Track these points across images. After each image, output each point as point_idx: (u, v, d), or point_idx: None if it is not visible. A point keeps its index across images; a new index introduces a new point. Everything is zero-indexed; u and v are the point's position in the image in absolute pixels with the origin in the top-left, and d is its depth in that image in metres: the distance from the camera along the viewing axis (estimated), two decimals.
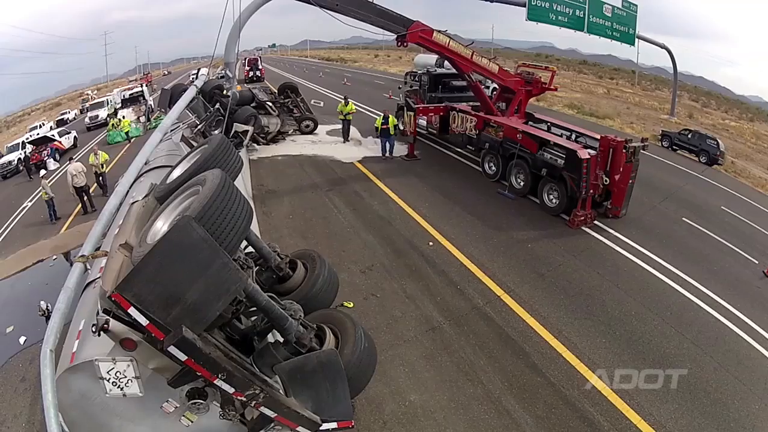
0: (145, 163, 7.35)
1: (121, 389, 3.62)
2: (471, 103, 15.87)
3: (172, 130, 9.74)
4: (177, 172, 4.91)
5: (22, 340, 9.41)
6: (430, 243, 10.39)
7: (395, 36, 12.97)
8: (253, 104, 17.54)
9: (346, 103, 17.98)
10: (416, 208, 12.12)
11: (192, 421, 4.08)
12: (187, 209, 3.59)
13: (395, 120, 15.83)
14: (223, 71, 17.40)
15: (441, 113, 16.27)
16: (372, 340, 4.51)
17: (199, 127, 11.97)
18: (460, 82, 16.39)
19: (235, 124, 12.12)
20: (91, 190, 16.76)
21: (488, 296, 8.52)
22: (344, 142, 18.59)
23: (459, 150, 17.00)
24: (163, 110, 16.13)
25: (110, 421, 4.12)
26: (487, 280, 8.98)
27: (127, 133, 26.54)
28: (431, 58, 22.97)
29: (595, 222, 11.26)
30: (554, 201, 11.73)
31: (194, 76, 34.05)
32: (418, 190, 13.33)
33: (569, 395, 6.44)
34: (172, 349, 3.11)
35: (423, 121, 16.96)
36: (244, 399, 3.49)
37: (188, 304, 3.11)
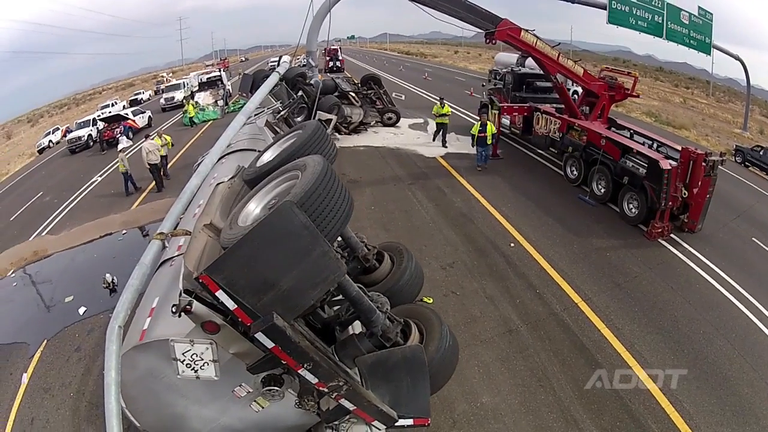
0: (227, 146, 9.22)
1: (196, 371, 4.25)
2: (555, 105, 17.93)
3: (256, 115, 11.65)
4: (268, 156, 5.80)
5: (81, 310, 11.58)
6: (512, 244, 11.98)
7: (483, 33, 15.25)
8: (336, 94, 19.95)
9: (442, 105, 19.74)
10: (498, 207, 14.02)
11: (262, 407, 4.84)
12: (287, 194, 4.08)
13: (493, 128, 17.20)
14: (305, 60, 19.90)
15: (525, 113, 18.72)
16: (455, 339, 5.16)
17: (282, 113, 14.04)
18: (544, 82, 18.85)
19: (318, 112, 14.49)
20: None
21: (566, 303, 9.83)
22: (434, 142, 20.56)
23: (541, 152, 19.13)
24: (244, 94, 18.73)
25: (174, 401, 5.03)
26: (566, 286, 10.31)
27: (191, 118, 31.49)
28: (512, 57, 26.47)
29: (671, 235, 12.64)
30: (634, 210, 13.26)
31: (275, 63, 41.43)
32: (500, 189, 15.37)
33: (635, 410, 7.46)
34: (260, 336, 3.58)
35: (506, 121, 19.52)
36: (327, 390, 3.99)
37: (282, 291, 3.55)
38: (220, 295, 3.51)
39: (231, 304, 3.56)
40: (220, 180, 6.25)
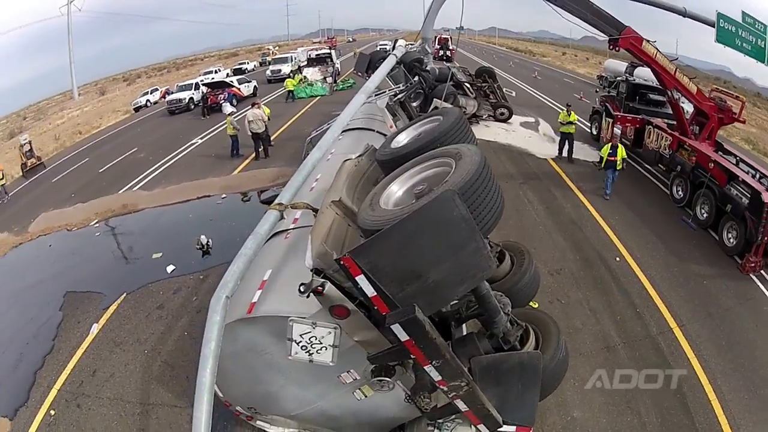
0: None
1: (310, 355, 4.68)
2: (666, 120, 19.70)
3: (376, 95, 12.80)
4: (403, 138, 6.52)
5: (169, 269, 13.01)
6: (617, 258, 13.46)
7: (607, 38, 17.11)
8: (451, 83, 21.20)
9: (569, 113, 21.15)
10: (606, 218, 15.69)
11: (365, 396, 5.27)
12: (438, 181, 4.56)
13: (624, 152, 18.18)
14: (419, 46, 21.46)
15: (637, 125, 20.70)
16: (567, 349, 5.57)
17: (398, 96, 15.28)
18: (657, 96, 21.24)
19: (434, 99, 15.72)
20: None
21: (662, 326, 10.98)
22: (558, 155, 21.77)
23: (648, 166, 20.82)
24: (359, 73, 20.40)
25: (271, 379, 5.67)
26: (664, 309, 11.49)
27: (290, 92, 36.28)
28: (621, 65, 28.51)
29: (762, 271, 13.37)
30: (732, 241, 14.31)
31: (384, 46, 44.62)
32: (609, 199, 17.32)
33: None
34: (396, 327, 3.85)
35: (618, 130, 21.14)
36: (446, 389, 4.28)
37: (428, 284, 3.83)
38: (361, 280, 3.82)
39: (370, 291, 3.87)
40: (348, 156, 6.89)
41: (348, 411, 5.86)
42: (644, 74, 22.69)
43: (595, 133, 23.10)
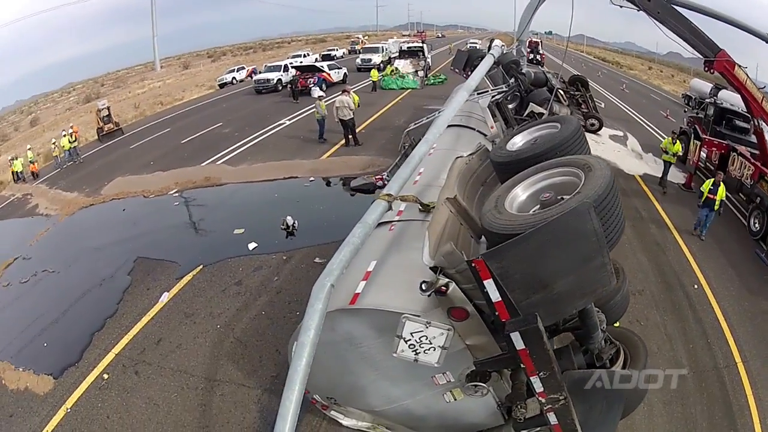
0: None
1: (416, 354, 5.21)
2: (750, 150, 20.46)
3: (479, 94, 13.90)
4: (518, 141, 7.12)
5: (251, 246, 13.89)
6: (695, 285, 14.16)
7: (703, 59, 17.89)
8: (546, 88, 21.75)
9: (674, 141, 22.18)
10: (688, 243, 16.58)
11: (455, 399, 5.83)
12: (565, 190, 5.12)
13: (724, 192, 18.38)
14: (515, 48, 22.15)
15: (722, 151, 21.68)
16: None
17: (496, 97, 16.32)
18: (744, 122, 22.00)
19: (531, 104, 17.06)
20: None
21: (728, 360, 11.52)
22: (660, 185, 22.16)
23: (729, 194, 20.44)
24: (456, 70, 21.77)
25: (362, 372, 6.16)
26: (732, 342, 12.02)
27: (374, 83, 39.26)
28: (707, 86, 29.52)
29: None
30: None
31: (474, 44, 49.76)
32: (691, 223, 17.99)
33: None
34: (515, 335, 4.37)
35: (704, 153, 22.71)
36: (544, 401, 4.74)
37: (552, 294, 4.30)
38: (489, 284, 4.30)
39: (495, 296, 4.34)
40: (450, 152, 7.83)
41: (433, 412, 6.30)
42: (727, 98, 23.97)
43: (680, 154, 23.81)
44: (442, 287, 4.75)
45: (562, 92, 25.28)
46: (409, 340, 5.13)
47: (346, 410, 7.26)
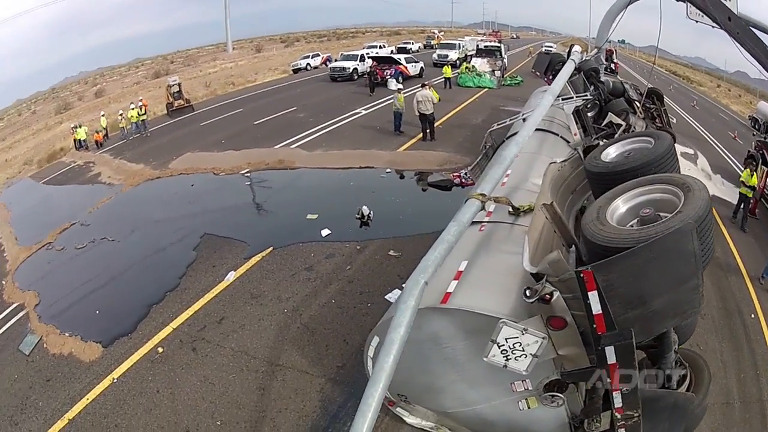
0: (523, 120, 12.18)
1: (507, 360, 5.30)
2: None
3: (563, 99, 14.43)
4: (612, 153, 7.36)
5: (324, 232, 14.13)
6: (752, 315, 14.23)
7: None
8: (623, 99, 21.55)
9: (752, 173, 21.69)
10: (749, 271, 16.56)
11: (529, 407, 5.98)
12: (663, 207, 5.39)
13: None
14: (593, 55, 22.03)
15: None
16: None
17: (580, 104, 16.42)
18: None
19: (610, 114, 16.59)
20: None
21: None
22: (733, 218, 21.90)
23: None
24: (537, 73, 21.71)
25: (443, 373, 6.32)
26: None
27: (447, 79, 39.86)
28: None
29: None
30: None
31: (549, 48, 51.62)
32: (755, 252, 18.31)
33: None
34: (609, 349, 4.71)
35: None
36: (620, 417, 5.03)
37: (647, 311, 4.62)
38: (593, 295, 4.58)
39: (597, 308, 4.63)
40: (554, 160, 8.01)
41: (505, 419, 6.41)
42: None
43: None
44: (547, 295, 4.87)
45: (639, 104, 25.42)
46: (503, 345, 5.21)
47: (412, 408, 7.39)
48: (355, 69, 42.63)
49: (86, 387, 10.40)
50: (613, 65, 57.50)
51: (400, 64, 40.45)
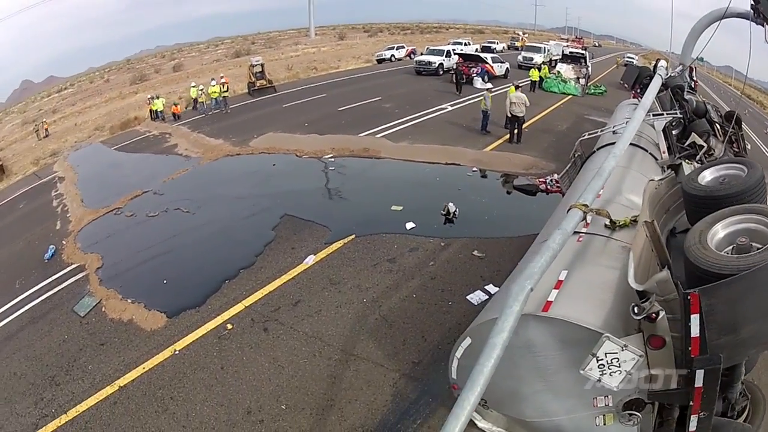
0: (613, 132, 13.13)
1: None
2: None
3: (654, 115, 14.63)
4: (708, 177, 7.35)
5: (409, 225, 14.19)
6: None
7: None
8: (704, 119, 21.04)
9: None
10: None
11: (605, 424, 6.02)
12: (756, 236, 5.53)
13: None
14: (677, 72, 21.52)
15: None
16: None
17: (669, 121, 16.35)
18: None
19: (693, 134, 16.47)
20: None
21: None
22: None
23: None
24: (626, 84, 21.94)
25: (530, 381, 6.37)
26: None
27: (534, 82, 40.00)
28: None
29: None
30: None
31: (631, 59, 53.35)
32: None
33: None
34: (698, 373, 4.84)
35: None
36: None
37: (737, 339, 4.79)
38: (694, 318, 4.70)
39: (695, 331, 4.74)
40: (651, 178, 8.24)
41: None
42: None
43: None
44: (653, 314, 5.01)
45: (719, 127, 25.14)
46: (601, 359, 5.29)
47: (486, 412, 7.43)
48: (441, 64, 43.49)
49: (144, 356, 10.62)
50: (692, 83, 56.97)
51: (486, 62, 41.06)
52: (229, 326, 10.96)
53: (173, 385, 9.68)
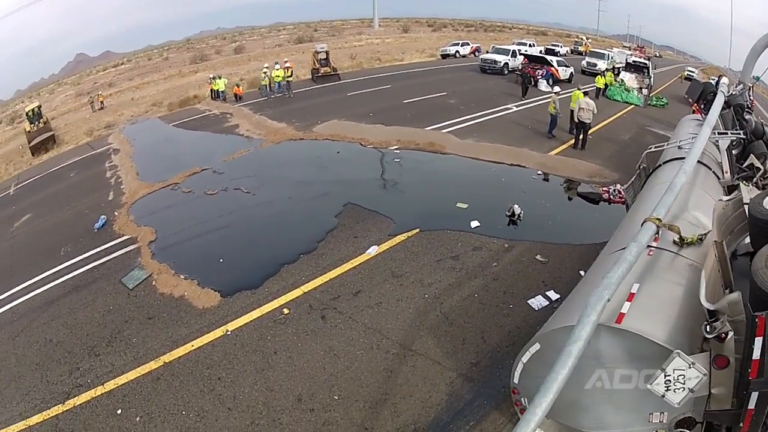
0: (679, 147, 13.28)
1: (667, 390, 5.50)
2: None
3: (719, 134, 14.31)
4: None
5: (473, 224, 14.11)
6: None
7: None
8: (762, 141, 20.43)
9: None
10: None
11: None
12: None
13: None
14: (738, 90, 20.88)
15: None
16: None
17: (733, 141, 16.06)
18: None
19: (751, 155, 16.27)
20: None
21: None
22: None
23: None
24: (690, 99, 21.81)
25: (594, 391, 6.36)
26: None
27: (599, 89, 39.30)
28: None
29: None
30: None
31: (691, 73, 52.55)
32: None
33: None
34: (753, 395, 4.96)
35: None
36: None
37: None
38: (758, 341, 4.82)
39: (757, 353, 4.86)
40: (721, 198, 8.45)
41: None
42: None
43: None
44: (723, 335, 5.15)
45: None
46: (669, 375, 5.41)
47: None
48: (506, 63, 43.56)
49: (194, 333, 10.74)
50: (750, 102, 55.96)
51: (552, 65, 41.09)
52: (286, 311, 10.99)
53: (222, 366, 9.77)
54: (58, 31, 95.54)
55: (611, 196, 16.12)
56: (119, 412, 9.17)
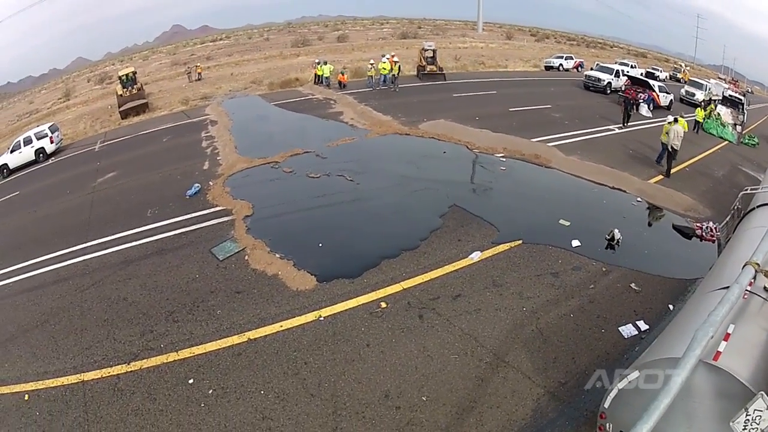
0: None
1: (744, 429, 5.72)
2: None
3: None
4: None
5: (575, 243, 14.01)
6: None
7: None
8: None
9: None
10: None
11: None
12: None
13: None
14: None
15: None
16: None
17: None
18: None
19: None
20: None
21: None
22: None
23: None
24: None
25: (677, 425, 6.48)
26: None
27: (698, 123, 37.03)
28: None
29: None
30: None
31: None
32: None
33: None
34: None
35: None
36: None
37: None
38: None
39: None
40: None
41: None
42: None
43: None
44: None
45: None
46: (749, 416, 5.64)
47: None
48: (609, 83, 42.57)
49: (284, 314, 10.98)
50: None
51: (653, 90, 39.93)
52: (383, 305, 11.16)
53: (310, 351, 9.96)
54: (155, 2, 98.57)
55: (704, 233, 15.78)
56: (191, 381, 9.52)
